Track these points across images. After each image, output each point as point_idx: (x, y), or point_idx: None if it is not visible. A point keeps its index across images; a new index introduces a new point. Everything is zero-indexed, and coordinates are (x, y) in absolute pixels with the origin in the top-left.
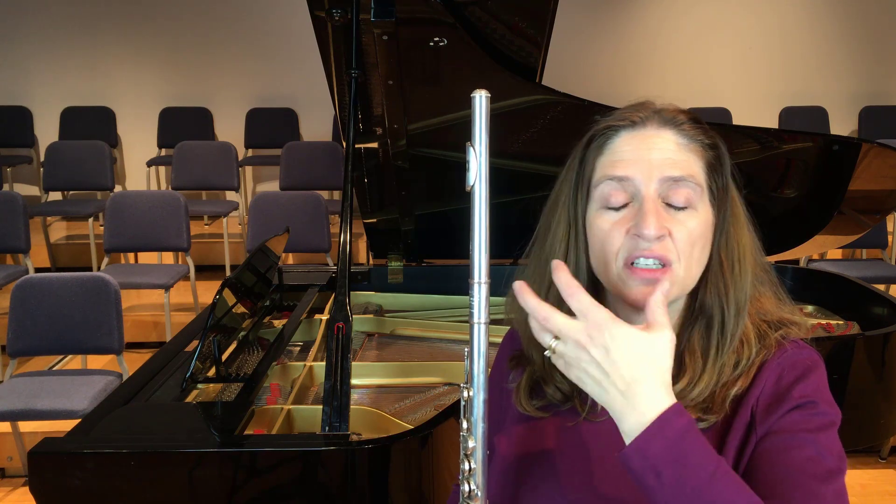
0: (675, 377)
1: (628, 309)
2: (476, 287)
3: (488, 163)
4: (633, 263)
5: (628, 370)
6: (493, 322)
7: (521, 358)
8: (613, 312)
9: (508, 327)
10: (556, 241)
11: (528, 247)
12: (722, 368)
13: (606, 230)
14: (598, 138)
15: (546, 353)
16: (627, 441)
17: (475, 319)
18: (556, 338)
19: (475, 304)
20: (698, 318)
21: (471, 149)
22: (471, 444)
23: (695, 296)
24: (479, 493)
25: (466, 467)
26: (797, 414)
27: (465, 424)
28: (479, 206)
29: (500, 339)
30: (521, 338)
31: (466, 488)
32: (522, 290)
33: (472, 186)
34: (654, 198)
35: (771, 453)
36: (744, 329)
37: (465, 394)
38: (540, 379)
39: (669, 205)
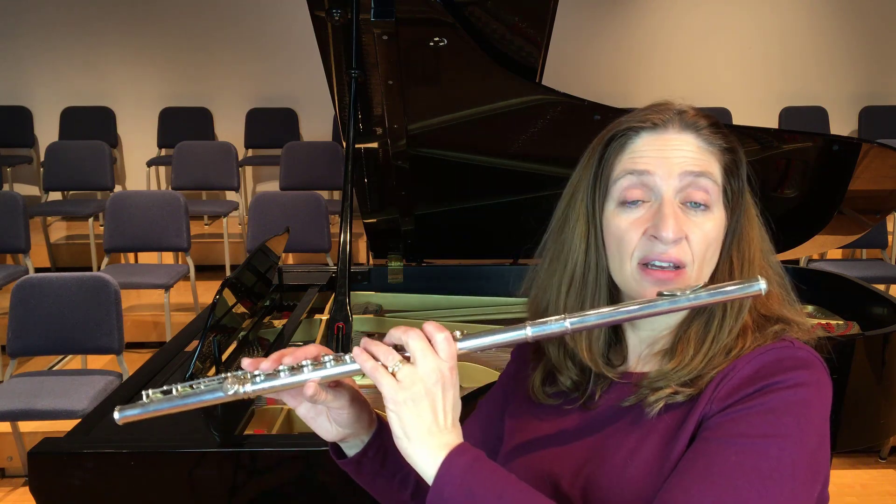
0: (667, 359)
1: None
2: None
3: None
4: (647, 264)
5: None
6: (504, 321)
7: (539, 350)
8: None
9: None
10: (576, 239)
11: (540, 245)
12: (712, 358)
13: (624, 229)
14: (619, 138)
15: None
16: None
17: None
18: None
19: None
20: (701, 312)
21: None
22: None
23: None
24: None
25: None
26: (755, 406)
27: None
28: None
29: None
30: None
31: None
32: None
33: None
34: (672, 199)
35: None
36: (742, 324)
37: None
38: (553, 368)
39: (686, 205)
